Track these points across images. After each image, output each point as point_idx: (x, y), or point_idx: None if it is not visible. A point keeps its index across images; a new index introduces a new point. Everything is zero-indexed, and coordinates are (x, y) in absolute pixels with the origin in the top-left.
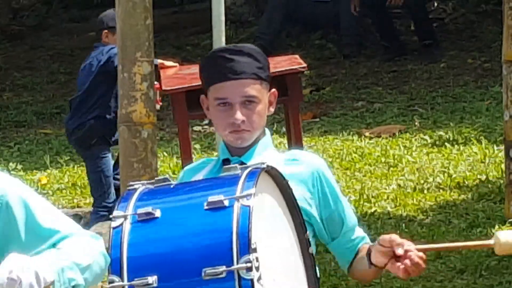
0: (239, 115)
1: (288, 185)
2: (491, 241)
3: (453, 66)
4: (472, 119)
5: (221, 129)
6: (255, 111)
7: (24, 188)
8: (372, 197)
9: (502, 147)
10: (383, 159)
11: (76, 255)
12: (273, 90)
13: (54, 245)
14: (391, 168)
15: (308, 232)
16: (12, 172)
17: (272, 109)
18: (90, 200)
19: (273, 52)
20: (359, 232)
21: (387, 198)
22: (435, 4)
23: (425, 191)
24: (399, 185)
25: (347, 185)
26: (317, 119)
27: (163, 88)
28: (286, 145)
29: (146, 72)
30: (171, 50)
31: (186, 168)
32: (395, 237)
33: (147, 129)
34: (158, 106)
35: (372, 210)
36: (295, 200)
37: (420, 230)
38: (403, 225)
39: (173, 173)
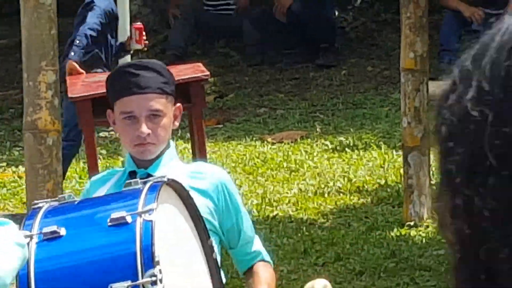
0: (144, 129)
1: (190, 195)
2: None
3: (354, 74)
4: (372, 125)
5: (127, 142)
6: (160, 124)
7: None
8: (274, 201)
9: (400, 152)
10: (285, 164)
11: None
12: (178, 104)
13: None
14: (293, 173)
15: (211, 238)
16: None
17: (177, 123)
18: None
19: (185, 61)
20: (257, 245)
21: (289, 202)
22: (336, 13)
23: (326, 195)
24: (300, 189)
25: (249, 190)
26: (221, 125)
27: (69, 95)
28: (190, 151)
29: (51, 80)
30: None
31: (92, 179)
32: None
33: (52, 136)
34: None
35: (274, 213)
36: (197, 209)
37: (321, 233)
38: (304, 228)
39: (80, 178)
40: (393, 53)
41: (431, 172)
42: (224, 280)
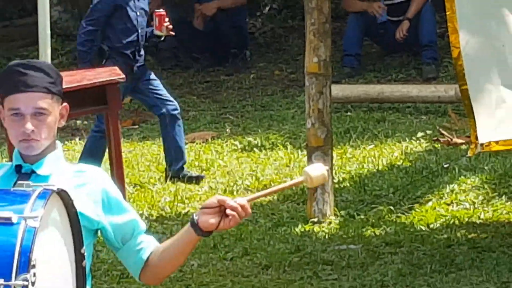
0: (29, 125)
1: (74, 205)
2: (301, 178)
3: (262, 77)
4: (278, 126)
5: (13, 138)
6: (45, 122)
7: None
8: (186, 198)
9: (305, 152)
10: (196, 163)
11: None
12: (65, 104)
13: None
14: (204, 171)
15: (84, 247)
16: None
17: (63, 122)
18: None
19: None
20: (151, 237)
21: (200, 199)
22: (247, 19)
23: (235, 193)
24: (210, 187)
25: (162, 187)
26: (137, 126)
27: None
28: (106, 150)
29: None
30: (2, 61)
31: None
32: (220, 196)
33: None
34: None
35: (186, 210)
36: (78, 219)
37: (229, 229)
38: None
39: None
40: (299, 58)
41: (333, 171)
42: (88, 286)
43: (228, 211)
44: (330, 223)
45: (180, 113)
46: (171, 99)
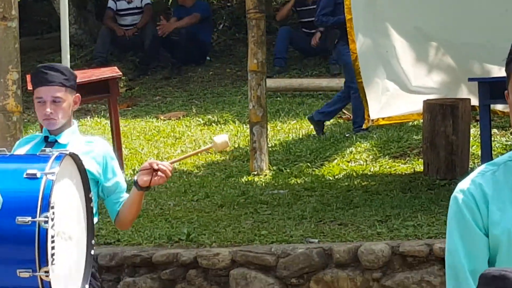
0: (48, 109)
1: (82, 163)
2: (210, 145)
3: (218, 74)
4: (229, 108)
5: (39, 117)
6: (61, 107)
7: None
8: (165, 158)
9: (248, 126)
10: (172, 134)
11: None
12: (77, 94)
13: None
14: (177, 139)
15: (91, 193)
16: None
17: (76, 106)
18: None
19: (106, 65)
20: (127, 194)
21: (174, 158)
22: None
23: (199, 154)
24: (182, 150)
25: (148, 151)
26: (130, 108)
27: (29, 88)
28: (109, 125)
29: (15, 78)
30: (35, 64)
31: (21, 139)
32: (151, 160)
33: (16, 115)
34: None
35: None
36: (86, 173)
37: (195, 179)
38: (184, 176)
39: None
40: (243, 60)
41: (268, 139)
42: (96, 220)
43: (159, 169)
44: (265, 175)
45: None
46: None
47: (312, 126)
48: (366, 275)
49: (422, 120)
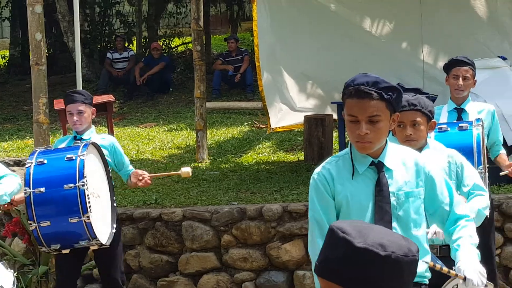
0: (75, 118)
1: (101, 149)
2: (179, 172)
3: (177, 99)
4: (184, 120)
5: (70, 124)
6: (83, 116)
7: None
8: (146, 152)
9: (195, 131)
10: (147, 137)
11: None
12: (93, 108)
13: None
14: (150, 140)
15: (109, 168)
16: None
17: (93, 116)
18: None
19: (105, 93)
20: (132, 167)
21: (150, 152)
22: (171, 74)
23: (164, 149)
24: (154, 148)
25: (132, 148)
26: (121, 120)
27: (55, 107)
28: (107, 131)
29: (44, 102)
30: (60, 93)
31: (58, 139)
32: (141, 171)
33: (45, 125)
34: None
35: (143, 156)
36: (104, 156)
37: (162, 165)
38: (155, 163)
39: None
40: (192, 90)
41: (207, 139)
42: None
43: (144, 179)
44: (206, 162)
45: None
46: None
47: (236, 131)
48: (267, 224)
49: (303, 128)
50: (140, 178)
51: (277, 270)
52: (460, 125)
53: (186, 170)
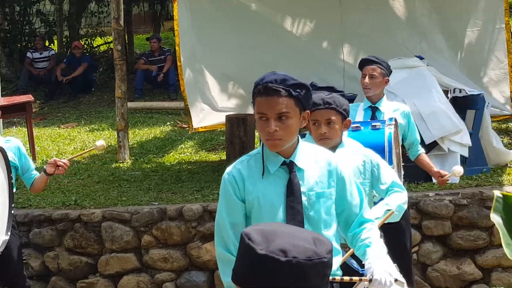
0: None
1: (5, 151)
2: (93, 148)
3: (99, 99)
4: (106, 120)
5: None
6: None
7: None
8: (63, 153)
9: (116, 132)
10: (68, 137)
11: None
12: None
13: None
14: (71, 141)
15: (12, 174)
16: None
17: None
18: None
19: (26, 93)
20: (36, 172)
21: (76, 149)
22: (94, 74)
23: (86, 144)
24: (75, 147)
25: (53, 148)
26: (42, 121)
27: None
28: (26, 131)
29: None
30: None
31: None
32: (55, 158)
33: None
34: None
35: (64, 156)
36: (8, 160)
37: (83, 165)
38: (75, 164)
39: None
40: (114, 91)
41: (128, 140)
42: (15, 191)
43: (59, 165)
44: (127, 162)
45: None
46: None
47: (158, 131)
48: (187, 224)
49: (225, 127)
50: (57, 163)
51: (198, 270)
52: (373, 124)
53: (100, 143)
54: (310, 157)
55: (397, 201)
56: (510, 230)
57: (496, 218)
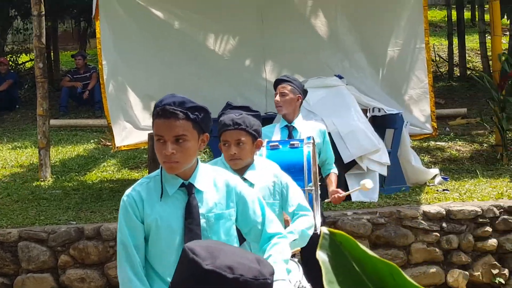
0: None
1: None
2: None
3: (23, 116)
4: (29, 138)
5: None
6: None
7: None
8: (26, 162)
9: (37, 149)
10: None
11: None
12: None
13: None
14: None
15: None
16: None
17: None
18: None
19: None
20: None
21: (23, 161)
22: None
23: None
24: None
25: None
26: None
27: None
28: None
29: None
30: None
31: None
32: None
33: None
34: None
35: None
36: None
37: (3, 184)
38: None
39: None
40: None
41: (50, 158)
42: None
43: None
44: (48, 181)
45: None
46: None
47: (80, 150)
48: (105, 243)
49: (147, 146)
50: None
51: None
52: (291, 142)
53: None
54: (209, 179)
55: (302, 226)
56: (335, 267)
57: (322, 256)
